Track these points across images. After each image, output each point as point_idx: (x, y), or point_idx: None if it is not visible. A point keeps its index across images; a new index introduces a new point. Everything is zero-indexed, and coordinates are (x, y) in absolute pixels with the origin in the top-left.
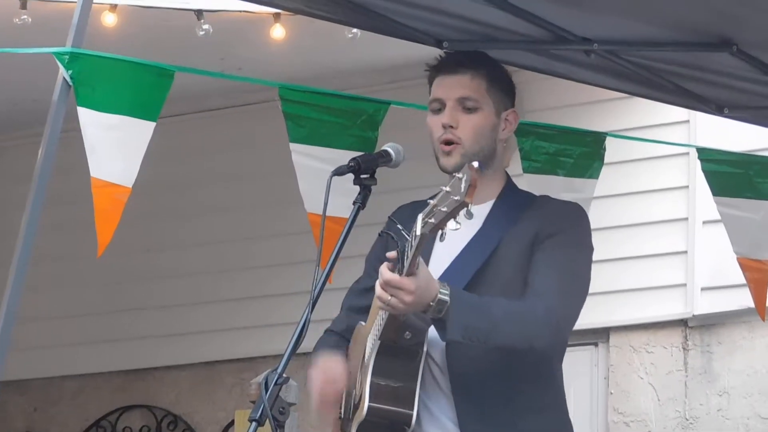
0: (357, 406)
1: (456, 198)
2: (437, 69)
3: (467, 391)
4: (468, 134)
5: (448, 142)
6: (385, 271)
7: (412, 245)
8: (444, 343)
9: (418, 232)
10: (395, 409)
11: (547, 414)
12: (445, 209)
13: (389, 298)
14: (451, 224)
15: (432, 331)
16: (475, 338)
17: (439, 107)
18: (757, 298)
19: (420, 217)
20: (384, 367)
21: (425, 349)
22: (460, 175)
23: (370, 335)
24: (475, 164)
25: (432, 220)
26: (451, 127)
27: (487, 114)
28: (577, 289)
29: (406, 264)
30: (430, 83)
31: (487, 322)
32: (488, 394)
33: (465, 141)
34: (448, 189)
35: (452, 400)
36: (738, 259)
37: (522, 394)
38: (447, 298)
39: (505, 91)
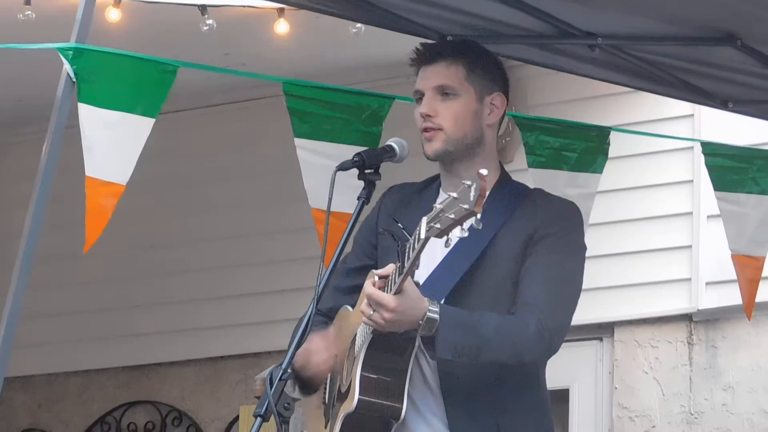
0: (344, 396)
1: (465, 207)
2: (417, 60)
3: (457, 389)
4: (448, 121)
5: (428, 130)
6: (368, 286)
7: (414, 247)
8: None
9: (422, 236)
10: (385, 403)
11: (532, 415)
12: (452, 216)
13: (371, 312)
14: (456, 231)
15: None
16: (465, 356)
17: (419, 98)
18: (748, 295)
19: (424, 220)
20: (375, 360)
21: (417, 344)
22: (468, 182)
23: (361, 326)
24: (485, 172)
25: (438, 226)
26: (429, 116)
27: (467, 100)
28: (569, 298)
29: (407, 264)
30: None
31: (477, 340)
32: (477, 393)
33: (446, 127)
34: (456, 195)
35: (440, 398)
36: (733, 255)
37: (509, 394)
38: (436, 316)
39: (489, 76)
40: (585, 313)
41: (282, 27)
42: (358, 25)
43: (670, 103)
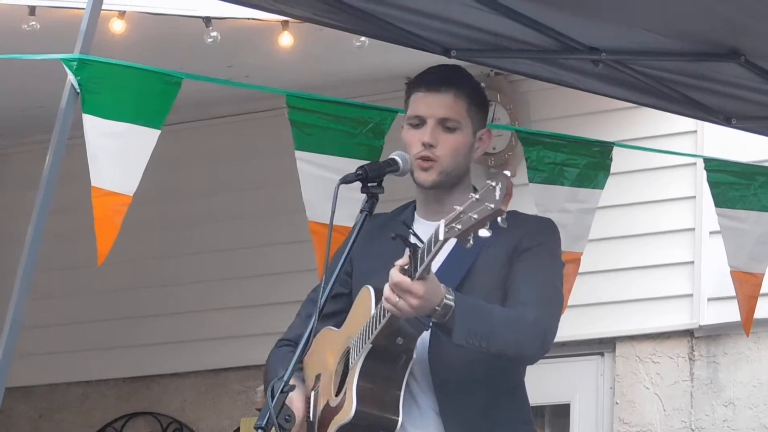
0: (335, 409)
1: (491, 206)
2: (419, 84)
3: (450, 403)
4: (446, 153)
5: (426, 159)
6: (396, 274)
7: (431, 249)
8: (425, 357)
9: (441, 237)
10: (381, 415)
11: (520, 427)
12: (475, 216)
13: (397, 300)
14: (482, 232)
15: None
16: (476, 343)
17: (418, 123)
18: (746, 312)
19: (442, 222)
20: (372, 372)
21: (414, 356)
22: (493, 183)
23: (353, 338)
24: (508, 173)
25: (459, 227)
26: (431, 146)
27: (466, 134)
28: (557, 302)
29: (420, 268)
30: (408, 96)
31: (487, 327)
32: (470, 406)
33: (443, 159)
34: (477, 197)
35: (427, 415)
36: (732, 272)
37: (499, 406)
38: (452, 303)
39: (482, 111)
40: (586, 327)
41: (286, 39)
42: (362, 38)
43: (673, 118)
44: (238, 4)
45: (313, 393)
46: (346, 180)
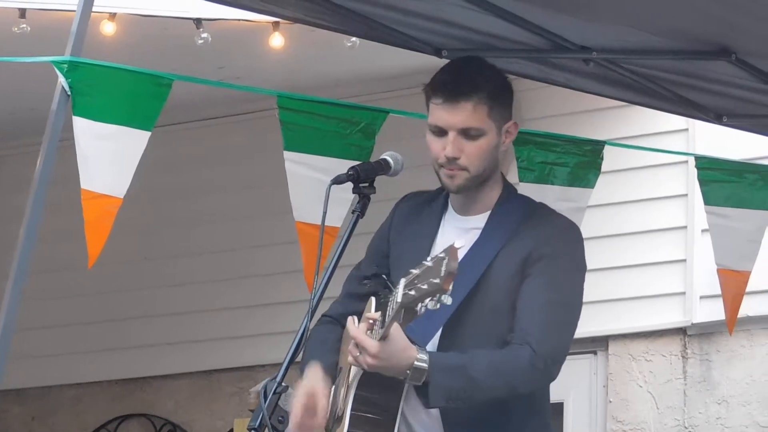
0: (339, 420)
1: (435, 281)
2: (436, 91)
3: (458, 414)
4: (473, 160)
5: (451, 168)
6: (351, 328)
7: (393, 307)
8: None
9: (399, 299)
10: None
11: None
12: (425, 287)
13: (357, 354)
14: (428, 303)
15: None
16: (458, 401)
17: (440, 132)
18: (731, 310)
19: (402, 282)
20: (365, 395)
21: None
22: (442, 255)
23: None
24: (458, 245)
25: (412, 293)
26: (455, 158)
27: (491, 136)
28: (566, 320)
29: (388, 318)
30: (427, 99)
31: (468, 383)
32: (479, 417)
33: (470, 166)
34: (430, 265)
35: (440, 422)
36: (718, 270)
37: (512, 418)
38: (425, 365)
39: (505, 105)
40: (579, 326)
41: (277, 40)
42: (353, 38)
43: (664, 117)
44: (228, 5)
45: (333, 387)
46: (338, 180)
